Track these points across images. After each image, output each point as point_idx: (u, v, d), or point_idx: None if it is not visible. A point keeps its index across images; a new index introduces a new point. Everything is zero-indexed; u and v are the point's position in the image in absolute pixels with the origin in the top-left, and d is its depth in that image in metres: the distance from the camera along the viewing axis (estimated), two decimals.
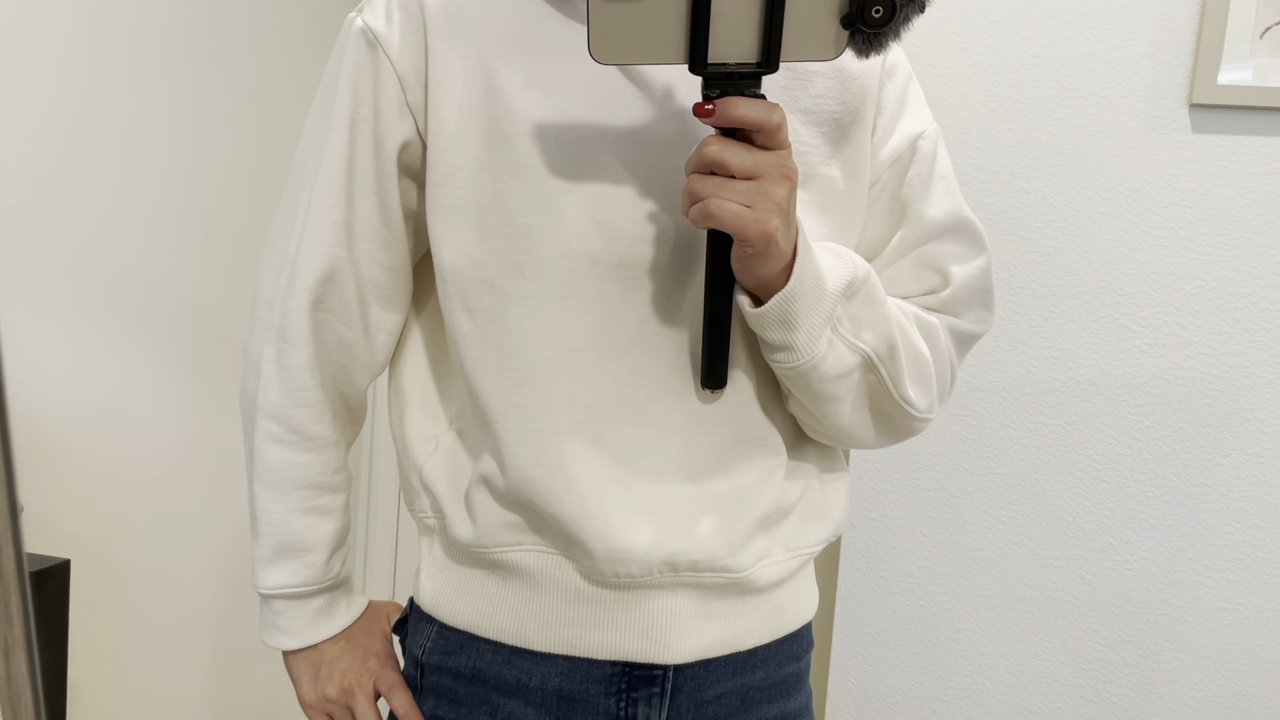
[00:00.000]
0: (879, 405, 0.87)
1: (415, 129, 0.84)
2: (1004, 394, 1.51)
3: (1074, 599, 1.53)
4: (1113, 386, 1.48)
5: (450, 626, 0.90)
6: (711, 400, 0.85)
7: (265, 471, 0.89)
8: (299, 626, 0.92)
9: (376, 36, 0.83)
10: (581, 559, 0.84)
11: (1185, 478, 1.48)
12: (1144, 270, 1.45)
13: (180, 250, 1.73)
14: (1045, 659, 1.55)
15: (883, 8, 0.71)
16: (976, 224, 0.91)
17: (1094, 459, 1.49)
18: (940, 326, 0.90)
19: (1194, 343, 1.45)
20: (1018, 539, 1.53)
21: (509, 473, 0.84)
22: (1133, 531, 1.50)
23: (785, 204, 0.74)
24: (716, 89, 0.73)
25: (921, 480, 1.54)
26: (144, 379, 1.68)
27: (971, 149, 1.47)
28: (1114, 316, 1.47)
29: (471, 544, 0.87)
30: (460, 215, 0.83)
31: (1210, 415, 1.46)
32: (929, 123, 0.92)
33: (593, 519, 0.82)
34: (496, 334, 0.84)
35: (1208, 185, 1.43)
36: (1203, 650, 1.50)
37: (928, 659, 1.59)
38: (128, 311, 1.65)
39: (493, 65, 0.82)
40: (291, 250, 0.87)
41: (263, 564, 0.91)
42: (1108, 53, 1.43)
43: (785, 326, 0.79)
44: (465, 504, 0.88)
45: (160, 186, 1.68)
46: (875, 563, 1.58)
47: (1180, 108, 1.43)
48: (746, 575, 0.87)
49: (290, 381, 0.88)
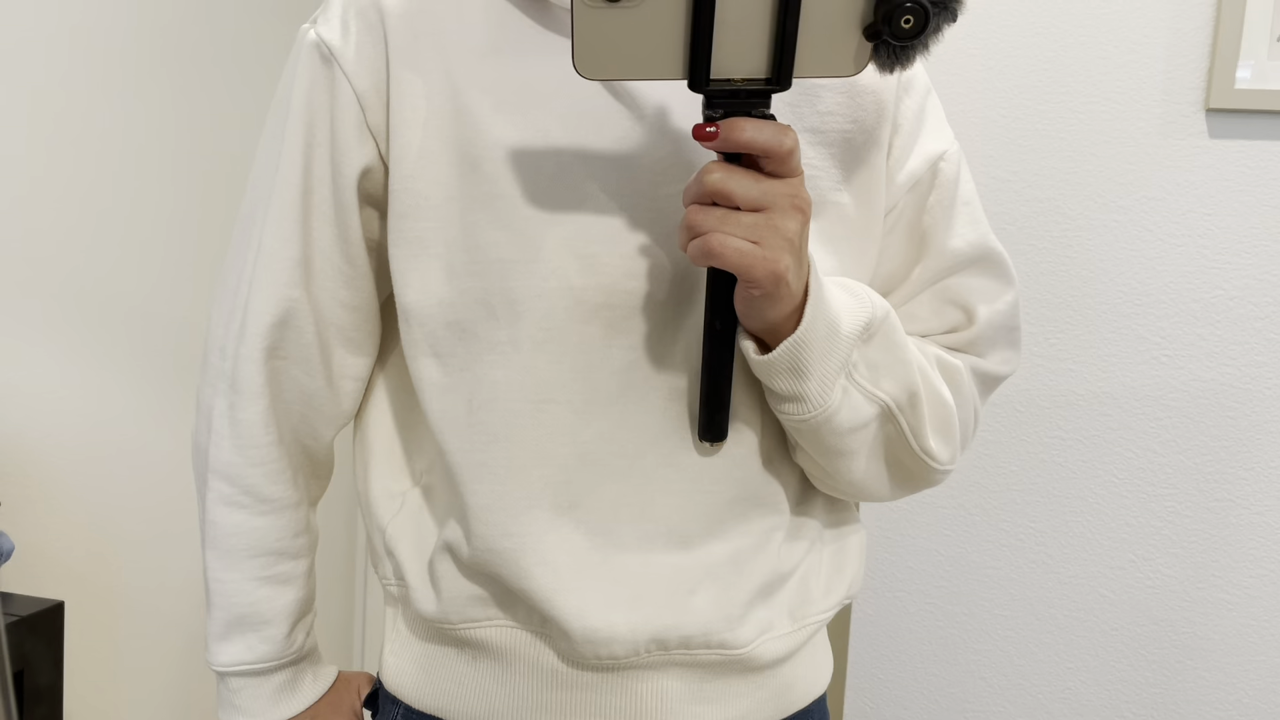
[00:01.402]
0: (896, 457, 0.79)
1: (377, 153, 0.76)
2: (1021, 408, 1.48)
3: (1095, 618, 1.50)
4: (1131, 399, 1.46)
5: (416, 710, 0.82)
6: (709, 454, 0.76)
7: (217, 537, 0.81)
8: (258, 706, 0.84)
9: (331, 51, 0.74)
10: (558, 639, 0.76)
11: (1207, 492, 1.45)
12: (1162, 279, 1.43)
13: (172, 273, 1.71)
14: (1066, 679, 1.53)
15: (913, 18, 0.62)
16: (1004, 255, 0.83)
17: (1113, 474, 1.47)
18: (964, 369, 0.81)
19: (1214, 353, 1.43)
20: (1036, 557, 1.51)
21: (474, 542, 0.75)
22: (1154, 548, 1.48)
23: (797, 240, 0.66)
24: (720, 108, 0.64)
25: (937, 497, 1.52)
26: (133, 403, 1.65)
27: (985, 157, 1.46)
28: (1132, 327, 1.45)
29: (436, 619, 0.79)
30: (426, 251, 0.75)
31: (1232, 427, 1.44)
32: (950, 142, 0.83)
33: (568, 594, 0.74)
34: (466, 384, 0.75)
35: (1226, 191, 1.41)
36: (1227, 669, 1.48)
37: (945, 680, 1.56)
38: (115, 335, 1.62)
39: (462, 82, 0.73)
40: (244, 291, 0.78)
41: (216, 639, 0.83)
42: (1122, 57, 1.42)
43: (795, 375, 0.70)
44: (429, 574, 0.80)
45: (149, 207, 1.66)
46: (890, 582, 1.56)
47: (1197, 112, 1.41)
48: (747, 652, 0.78)
49: (243, 438, 0.79)
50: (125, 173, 1.61)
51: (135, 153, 1.62)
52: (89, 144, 1.54)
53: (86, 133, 1.53)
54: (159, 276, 1.69)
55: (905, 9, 0.61)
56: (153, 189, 1.66)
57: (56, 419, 1.51)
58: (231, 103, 1.78)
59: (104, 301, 1.59)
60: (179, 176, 1.70)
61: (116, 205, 1.59)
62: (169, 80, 1.66)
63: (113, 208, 1.59)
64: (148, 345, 1.68)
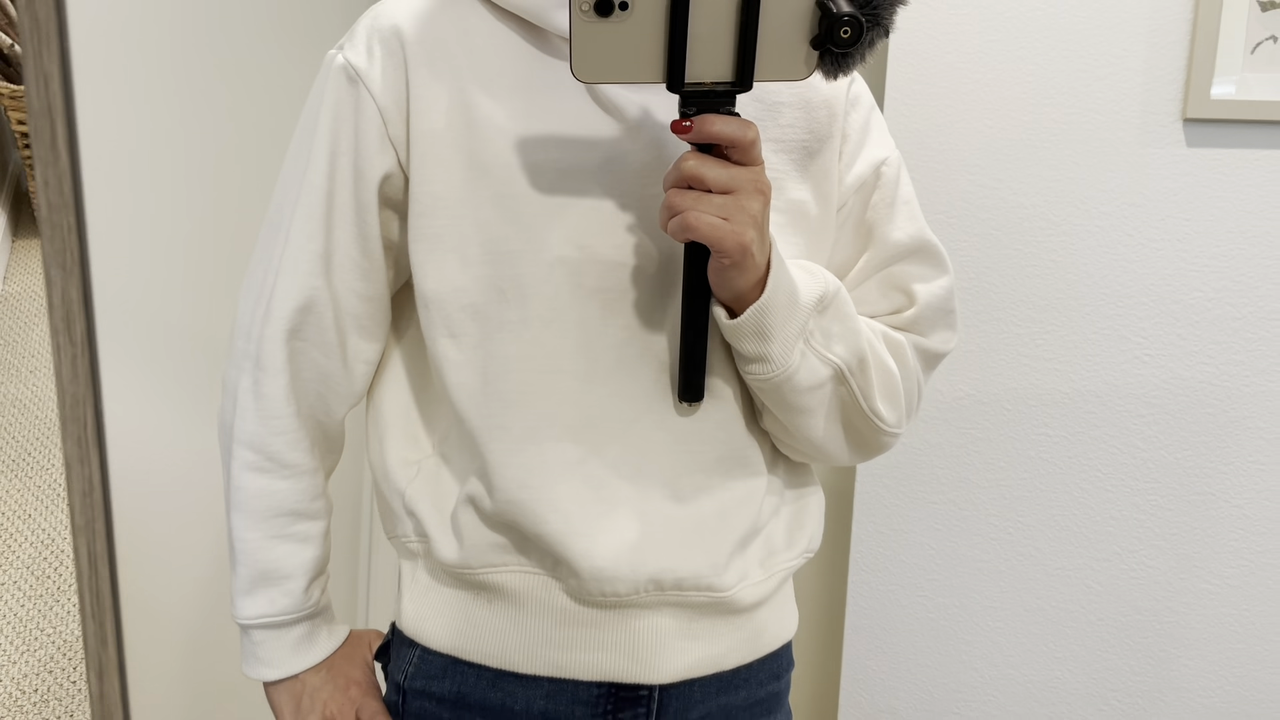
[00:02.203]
0: (850, 419, 0.89)
1: (397, 161, 0.85)
2: (1008, 406, 1.53)
3: (1081, 608, 1.55)
4: (1115, 397, 1.50)
5: (433, 650, 0.90)
6: (693, 416, 0.86)
7: (242, 500, 0.89)
8: (279, 657, 0.92)
9: (358, 72, 0.84)
10: (568, 578, 0.85)
11: (1189, 485, 1.50)
12: (1143, 282, 1.48)
13: (169, 273, 1.73)
14: (1054, 669, 1.57)
15: (850, 29, 0.73)
16: (939, 246, 0.94)
17: (1098, 469, 1.52)
18: (907, 344, 0.92)
19: (1194, 352, 1.48)
20: (1024, 550, 1.55)
21: (496, 494, 0.85)
22: (1138, 540, 1.52)
23: (760, 217, 0.76)
24: (694, 106, 0.75)
25: (927, 493, 1.56)
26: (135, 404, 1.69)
27: (972, 166, 1.50)
28: (1115, 328, 1.49)
29: (457, 565, 0.88)
30: (442, 244, 0.84)
31: (1212, 423, 1.49)
32: (892, 150, 0.94)
33: (578, 538, 0.83)
34: (480, 359, 0.85)
35: (1203, 198, 1.46)
36: (1210, 656, 1.53)
37: (937, 671, 1.60)
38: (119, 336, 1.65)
39: (473, 98, 0.83)
40: (270, 280, 0.88)
41: (241, 594, 0.91)
42: (1102, 70, 1.46)
43: (760, 338, 0.81)
44: (451, 526, 0.88)
45: (162, 208, 1.69)
46: (883, 576, 1.60)
47: (1174, 122, 1.46)
48: (730, 595, 0.88)
49: (266, 410, 0.88)
50: (140, 178, 1.65)
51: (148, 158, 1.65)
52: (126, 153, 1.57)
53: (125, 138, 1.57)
54: (157, 281, 1.72)
55: (843, 22, 0.73)
56: (167, 195, 1.69)
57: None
58: (252, 115, 1.83)
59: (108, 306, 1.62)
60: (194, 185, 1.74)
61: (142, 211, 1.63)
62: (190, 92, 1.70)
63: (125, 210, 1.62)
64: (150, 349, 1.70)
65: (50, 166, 0.45)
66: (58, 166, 0.45)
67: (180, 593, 1.70)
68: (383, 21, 0.84)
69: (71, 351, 0.52)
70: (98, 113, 1.45)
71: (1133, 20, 1.45)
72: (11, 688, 1.33)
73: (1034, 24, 1.47)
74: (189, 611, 1.71)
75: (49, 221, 0.47)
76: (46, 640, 1.46)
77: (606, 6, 0.71)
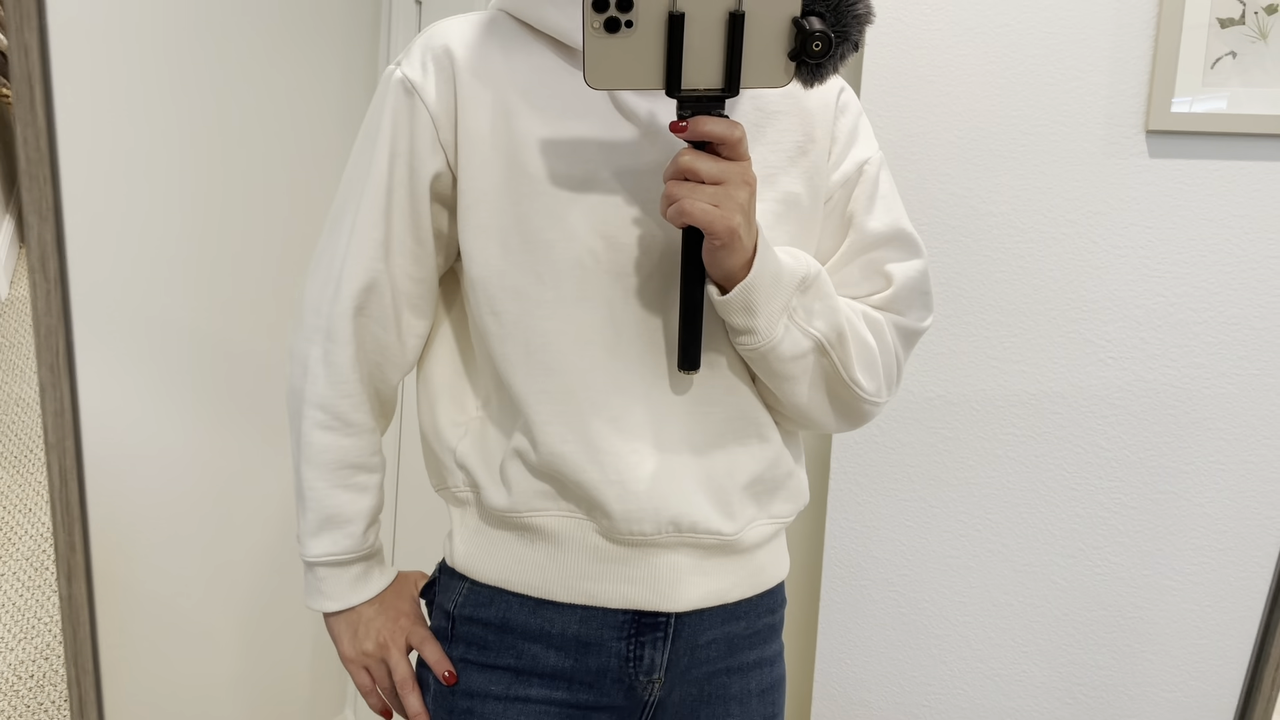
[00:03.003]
0: (833, 388, 1.00)
1: (446, 162, 0.98)
2: (976, 407, 1.57)
3: (1048, 603, 1.58)
4: (1080, 399, 1.54)
5: (481, 583, 1.02)
6: (703, 383, 0.98)
7: (312, 454, 1.02)
8: (339, 591, 1.04)
9: (414, 85, 0.96)
10: (601, 519, 0.98)
11: (1151, 485, 1.54)
12: (1107, 288, 1.52)
13: (187, 281, 1.78)
14: (1022, 662, 1.60)
15: (821, 43, 0.84)
16: (914, 234, 1.04)
17: (1063, 468, 1.55)
18: (885, 322, 1.03)
19: (1156, 356, 1.52)
20: (993, 546, 1.59)
21: (540, 449, 0.97)
22: (1102, 537, 1.55)
23: (746, 205, 0.87)
24: (689, 110, 0.86)
25: (899, 490, 1.60)
26: (149, 406, 1.73)
27: (942, 175, 1.54)
28: (1080, 332, 1.53)
29: (506, 510, 1.00)
30: (486, 234, 0.96)
31: (1174, 424, 1.52)
32: (875, 151, 1.06)
33: (611, 485, 0.96)
34: (522, 333, 0.96)
35: (1165, 207, 1.49)
36: (1173, 651, 1.55)
37: (909, 665, 1.63)
38: (134, 338, 1.69)
39: (513, 109, 0.95)
40: (338, 264, 1.00)
41: (308, 535, 1.03)
42: (1068, 84, 1.50)
43: (747, 312, 0.91)
44: (500, 476, 1.01)
45: (173, 213, 1.73)
46: (856, 571, 1.63)
47: (1138, 134, 1.49)
48: (736, 537, 1.00)
49: (335, 376, 1.01)
50: (137, 183, 1.70)
51: (144, 160, 1.70)
52: (113, 152, 1.63)
53: (118, 143, 1.62)
54: (173, 287, 1.76)
55: (815, 38, 0.84)
56: (169, 201, 1.74)
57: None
58: (252, 120, 1.88)
59: (119, 308, 1.67)
60: (195, 191, 1.79)
61: (134, 214, 1.68)
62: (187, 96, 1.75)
63: (129, 215, 1.67)
64: (164, 352, 1.75)
65: (29, 126, 0.51)
66: (35, 125, 0.51)
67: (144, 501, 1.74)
68: (436, 41, 0.97)
69: (46, 288, 0.58)
70: (73, 78, 1.53)
71: (1097, 35, 1.49)
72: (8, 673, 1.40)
73: (1002, 38, 1.51)
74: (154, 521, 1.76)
75: (27, 174, 0.53)
76: (43, 629, 1.50)
77: (614, 24, 0.82)
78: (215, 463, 1.87)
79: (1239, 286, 1.49)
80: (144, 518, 1.75)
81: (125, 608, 1.73)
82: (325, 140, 2.06)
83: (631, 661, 1.00)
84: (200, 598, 1.88)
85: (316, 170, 2.04)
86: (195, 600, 1.87)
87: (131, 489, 1.72)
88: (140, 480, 1.74)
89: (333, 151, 2.08)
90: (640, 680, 1.01)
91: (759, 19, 0.84)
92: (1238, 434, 1.51)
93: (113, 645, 1.69)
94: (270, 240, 1.95)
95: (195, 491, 1.84)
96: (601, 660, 1.00)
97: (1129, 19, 1.48)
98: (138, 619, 1.76)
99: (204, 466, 1.85)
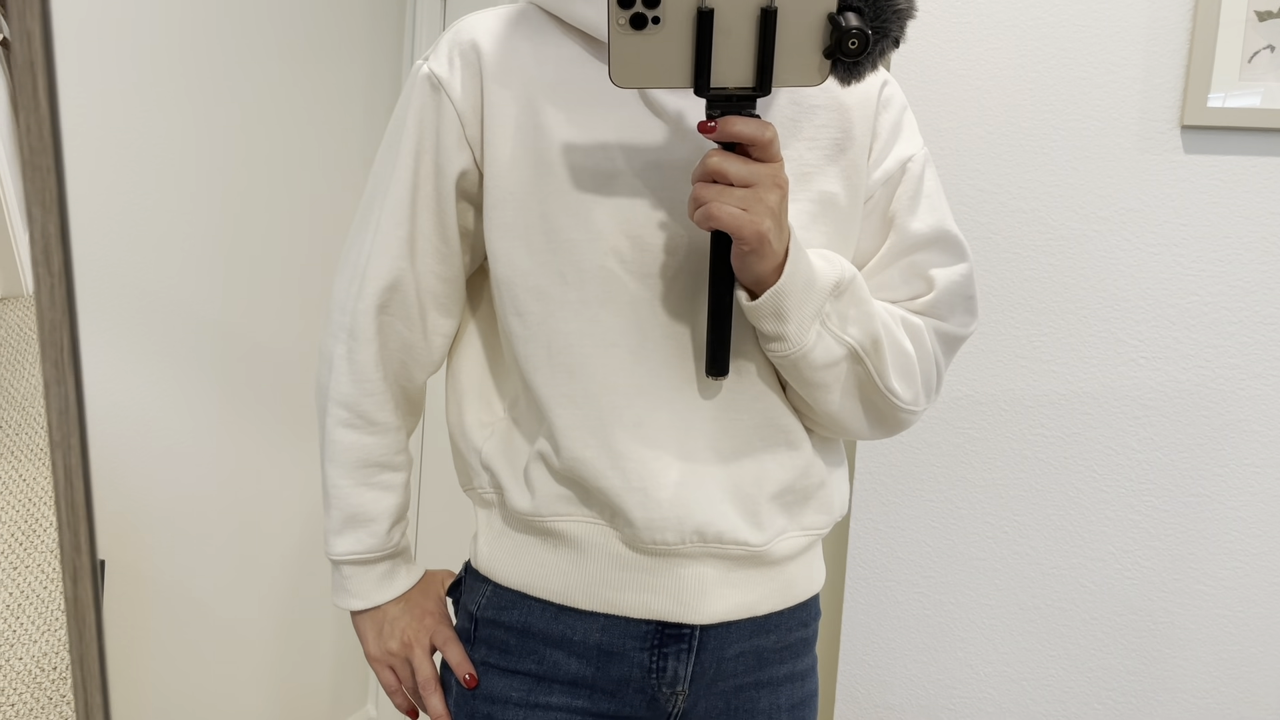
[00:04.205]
0: (867, 396, 0.96)
1: (472, 159, 0.96)
2: (1005, 407, 1.55)
3: (1076, 607, 1.56)
4: (1111, 399, 1.52)
5: (504, 586, 1.01)
6: (732, 388, 0.95)
7: (336, 452, 1.01)
8: (365, 589, 1.04)
9: (440, 81, 0.94)
10: (624, 528, 0.95)
11: (1184, 487, 1.51)
12: (1140, 286, 1.50)
13: (206, 273, 1.78)
14: (1049, 666, 1.58)
15: (858, 40, 0.80)
16: (959, 236, 0.99)
17: (1094, 470, 1.53)
18: (925, 328, 0.98)
19: (1190, 356, 1.49)
20: (1020, 549, 1.57)
21: (562, 453, 0.94)
22: (1133, 540, 1.53)
23: (777, 209, 0.84)
24: (718, 109, 0.83)
25: (926, 492, 1.58)
26: (170, 399, 1.73)
27: (971, 171, 1.52)
28: (1111, 331, 1.51)
29: (529, 513, 0.98)
30: (511, 233, 0.94)
31: (1207, 426, 1.50)
32: (919, 148, 1.01)
33: (634, 492, 0.93)
34: (544, 334, 0.94)
35: (1200, 203, 1.47)
36: (1203, 657, 1.53)
37: (933, 668, 1.62)
38: (153, 331, 1.70)
39: (539, 105, 0.92)
40: (362, 261, 0.99)
41: (333, 534, 1.03)
42: (1101, 77, 1.48)
43: (778, 319, 0.88)
44: (524, 479, 0.99)
45: (184, 207, 1.74)
46: (881, 573, 1.61)
47: (1172, 129, 1.48)
48: (765, 549, 0.97)
49: (358, 374, 1.00)
50: (153, 174, 1.70)
51: (159, 154, 1.70)
52: (126, 145, 1.63)
53: (129, 135, 1.62)
54: (193, 280, 1.76)
55: (851, 35, 0.80)
56: (187, 195, 1.74)
57: (99, 415, 1.59)
58: (269, 114, 1.88)
59: (140, 300, 1.67)
60: (210, 183, 1.79)
61: (158, 208, 1.68)
62: (202, 91, 1.75)
63: (149, 209, 1.68)
64: (184, 344, 1.75)
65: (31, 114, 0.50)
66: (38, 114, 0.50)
67: (151, 499, 1.75)
68: (463, 36, 0.95)
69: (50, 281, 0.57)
70: (77, 66, 1.52)
71: (1132, 29, 1.47)
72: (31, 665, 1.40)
73: (1034, 32, 1.49)
74: (159, 519, 1.76)
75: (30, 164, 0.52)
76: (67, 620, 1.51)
77: (640, 21, 0.79)
78: (231, 457, 1.87)
79: (1275, 285, 1.47)
80: (158, 514, 1.75)
81: (138, 605, 1.73)
82: (344, 132, 2.06)
83: (654, 673, 0.97)
84: (221, 593, 1.88)
85: (334, 161, 2.03)
86: (216, 595, 1.87)
87: (143, 485, 1.72)
88: (153, 476, 1.74)
89: (352, 143, 2.08)
90: (664, 692, 0.98)
91: (792, 15, 0.80)
92: (1273, 436, 1.49)
93: (122, 646, 1.69)
94: (283, 231, 1.95)
95: (213, 486, 1.85)
96: (623, 670, 0.98)
97: (1164, 12, 1.45)
98: (152, 617, 1.76)
99: (218, 461, 1.85)
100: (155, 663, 1.76)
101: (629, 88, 0.83)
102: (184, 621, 1.81)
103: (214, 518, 1.85)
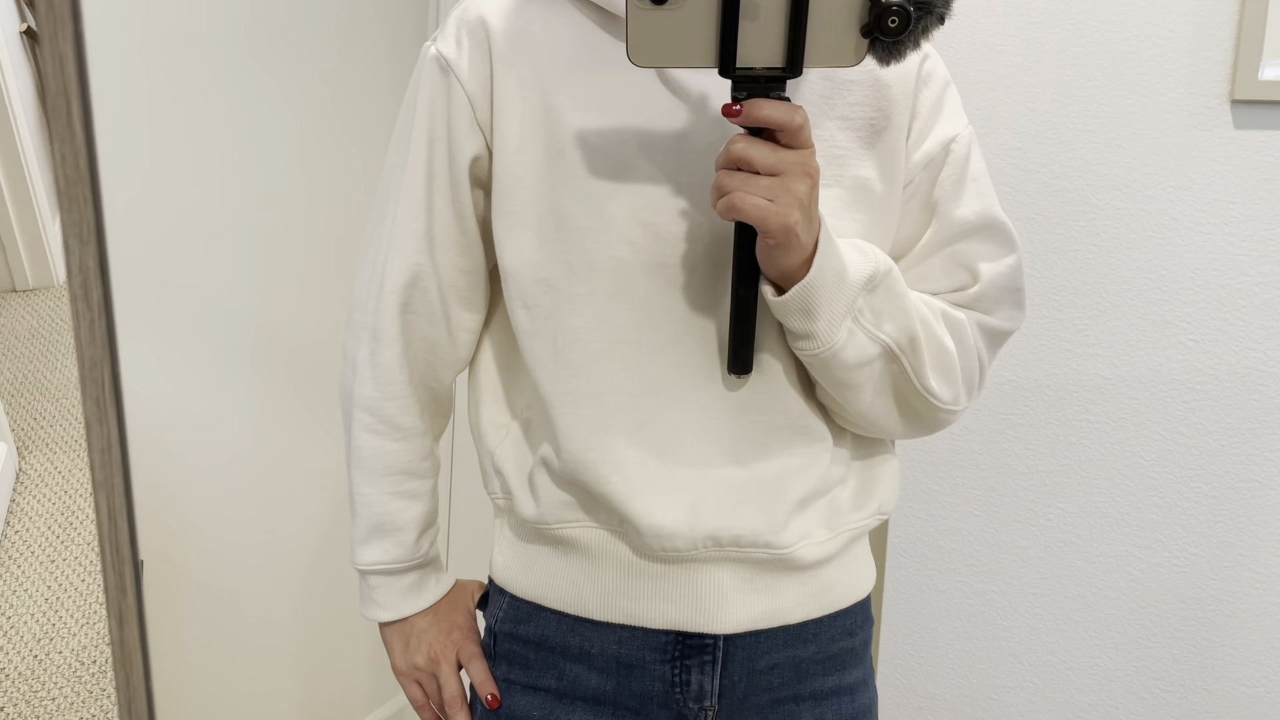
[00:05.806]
0: (903, 395, 0.91)
1: (484, 144, 0.91)
2: (1049, 392, 1.52)
3: (1123, 596, 1.53)
4: (1159, 383, 1.49)
5: (520, 598, 0.97)
6: (751, 387, 0.89)
7: (361, 459, 0.97)
8: (392, 600, 1.00)
9: (448, 62, 0.89)
10: (631, 535, 0.90)
11: (1233, 473, 1.48)
12: (1188, 266, 1.46)
13: (245, 269, 1.78)
14: (1095, 656, 1.55)
15: (898, 18, 0.74)
16: (1007, 224, 0.93)
17: (1141, 456, 1.50)
18: (968, 322, 0.92)
19: (1240, 338, 1.46)
20: (1065, 536, 1.54)
21: (563, 456, 0.90)
22: (1181, 527, 1.50)
23: (806, 199, 0.78)
24: (744, 91, 0.77)
25: (967, 479, 1.56)
26: (210, 394, 1.73)
27: (1012, 149, 1.49)
28: (1159, 313, 1.48)
29: (535, 521, 0.94)
30: (520, 221, 0.89)
31: (1258, 410, 1.46)
32: (963, 127, 0.94)
33: (639, 498, 0.88)
34: (551, 329, 0.90)
35: (1251, 181, 1.44)
36: (1255, 645, 1.50)
37: (976, 657, 1.60)
38: (191, 326, 1.70)
39: (550, 85, 0.87)
40: (380, 259, 0.95)
41: (359, 543, 0.99)
42: (1147, 51, 1.44)
43: (806, 315, 0.83)
44: (529, 485, 0.95)
45: (224, 203, 1.73)
46: (922, 562, 1.60)
47: (1222, 104, 1.44)
48: (789, 552, 0.91)
49: (381, 377, 0.96)
50: (199, 174, 1.69)
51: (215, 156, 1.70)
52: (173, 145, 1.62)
53: (170, 133, 1.61)
54: (231, 275, 1.76)
55: (892, 11, 0.74)
56: (229, 193, 1.74)
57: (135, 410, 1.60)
58: (305, 113, 1.87)
59: (178, 297, 1.67)
60: (251, 181, 1.78)
61: (203, 206, 1.68)
62: (253, 91, 1.74)
63: (190, 206, 1.67)
64: (223, 340, 1.75)
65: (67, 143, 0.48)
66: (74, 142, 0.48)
67: (194, 543, 1.75)
68: (471, 14, 0.90)
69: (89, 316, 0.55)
70: (112, 91, 1.51)
71: (1179, 1, 1.43)
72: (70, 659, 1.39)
73: (1076, 3, 1.45)
74: (203, 562, 1.77)
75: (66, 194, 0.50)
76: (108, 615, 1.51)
77: None
78: (269, 455, 1.87)
79: None
80: (196, 511, 1.76)
81: (174, 600, 1.74)
82: (372, 124, 2.04)
83: (678, 687, 0.92)
84: (255, 585, 1.89)
85: (366, 151, 2.02)
86: (250, 588, 1.88)
87: (179, 482, 1.72)
88: (190, 475, 1.74)
89: (380, 133, 2.06)
90: (690, 707, 0.93)
91: None
92: None
93: (163, 640, 1.70)
94: (321, 229, 1.94)
95: (250, 482, 1.85)
96: (645, 684, 0.92)
97: None
98: (188, 611, 1.77)
99: (256, 458, 1.85)
100: (194, 655, 1.77)
101: (648, 67, 0.78)
102: (218, 615, 1.82)
103: (251, 512, 1.85)
